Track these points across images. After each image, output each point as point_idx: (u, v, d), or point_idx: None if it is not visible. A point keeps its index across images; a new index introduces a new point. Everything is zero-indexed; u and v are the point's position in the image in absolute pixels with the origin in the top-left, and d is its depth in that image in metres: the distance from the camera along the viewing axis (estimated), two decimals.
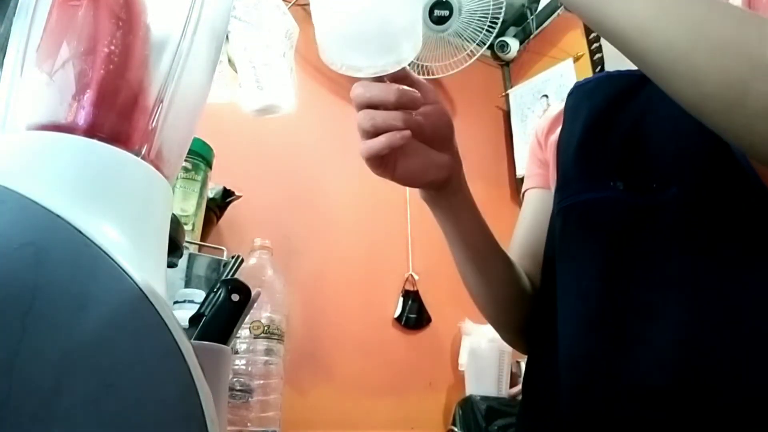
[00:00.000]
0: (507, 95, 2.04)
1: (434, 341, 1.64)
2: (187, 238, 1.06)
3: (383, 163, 0.55)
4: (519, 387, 1.55)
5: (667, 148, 0.57)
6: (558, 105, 0.73)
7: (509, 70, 2.15)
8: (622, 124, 0.61)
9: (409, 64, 0.53)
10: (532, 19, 2.02)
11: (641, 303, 0.52)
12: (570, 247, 0.59)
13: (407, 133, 0.51)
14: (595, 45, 1.76)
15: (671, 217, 0.53)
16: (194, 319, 0.52)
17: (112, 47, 0.31)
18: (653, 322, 0.51)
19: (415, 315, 1.62)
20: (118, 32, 0.32)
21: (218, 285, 0.53)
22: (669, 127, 0.57)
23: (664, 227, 0.54)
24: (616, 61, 0.63)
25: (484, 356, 1.54)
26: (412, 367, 1.57)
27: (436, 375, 1.61)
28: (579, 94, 0.70)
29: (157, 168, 0.33)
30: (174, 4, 0.35)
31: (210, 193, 1.22)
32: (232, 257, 0.60)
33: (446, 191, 0.61)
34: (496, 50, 2.05)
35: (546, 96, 1.89)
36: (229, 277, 0.57)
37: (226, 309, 0.52)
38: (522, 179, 2.20)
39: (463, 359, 1.56)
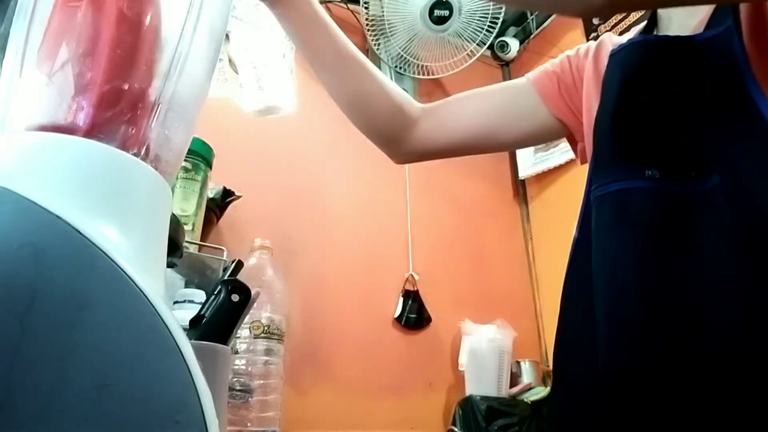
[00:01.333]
0: None
1: (434, 341, 1.64)
2: (187, 238, 1.06)
3: None
4: (519, 387, 1.56)
5: (705, 129, 0.52)
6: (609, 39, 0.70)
7: (509, 70, 2.15)
8: (657, 97, 0.56)
9: (409, 64, 0.53)
10: (532, 19, 2.02)
11: (682, 310, 0.48)
12: (605, 241, 0.55)
13: None
14: None
15: (713, 210, 0.49)
16: (195, 321, 0.52)
17: (112, 48, 0.31)
18: (697, 332, 0.47)
19: (415, 315, 1.62)
20: (117, 33, 0.32)
21: (219, 286, 0.53)
22: (705, 105, 0.52)
23: (705, 221, 0.49)
24: None
25: (484, 356, 1.54)
26: (412, 367, 1.57)
27: (436, 375, 1.61)
28: (612, 63, 0.63)
29: (157, 168, 0.33)
30: (174, 4, 0.35)
31: (210, 193, 1.22)
32: (232, 261, 0.60)
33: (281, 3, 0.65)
34: (496, 50, 2.05)
35: None
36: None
37: (226, 309, 0.52)
38: (524, 180, 2.19)
39: (463, 359, 1.56)
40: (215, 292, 0.53)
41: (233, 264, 0.59)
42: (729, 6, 0.55)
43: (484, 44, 1.78)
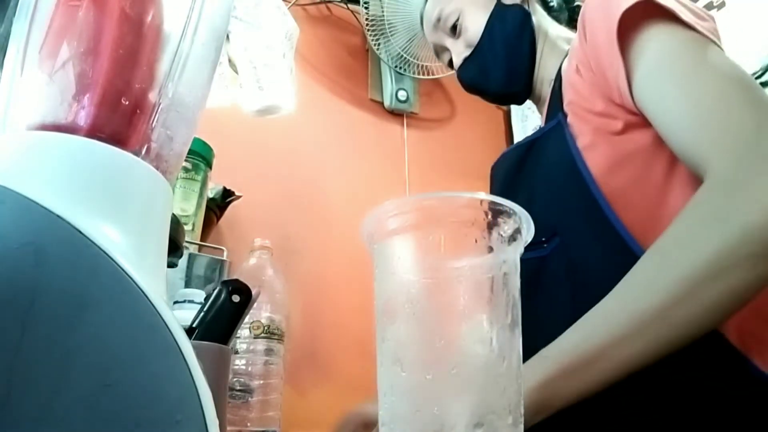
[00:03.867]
0: None
1: None
2: (187, 238, 1.06)
3: None
4: None
5: (552, 206, 0.67)
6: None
7: None
8: (521, 191, 0.72)
9: (409, 64, 0.54)
10: None
11: (534, 348, 0.51)
12: None
13: None
14: None
15: (556, 265, 0.61)
16: (190, 332, 0.52)
17: (113, 47, 0.31)
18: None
19: None
20: (119, 32, 0.32)
21: (219, 287, 0.53)
22: (549, 183, 0.68)
23: (549, 276, 0.63)
24: None
25: None
26: None
27: None
28: (493, 170, 0.89)
29: (158, 168, 0.33)
30: (174, 4, 0.35)
31: (210, 193, 1.22)
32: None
33: None
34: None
35: None
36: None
37: (227, 309, 0.52)
38: None
39: None
40: (215, 293, 0.53)
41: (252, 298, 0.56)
42: (559, 102, 0.71)
43: None
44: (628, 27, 0.59)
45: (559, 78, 0.75)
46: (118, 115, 0.31)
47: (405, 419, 0.32)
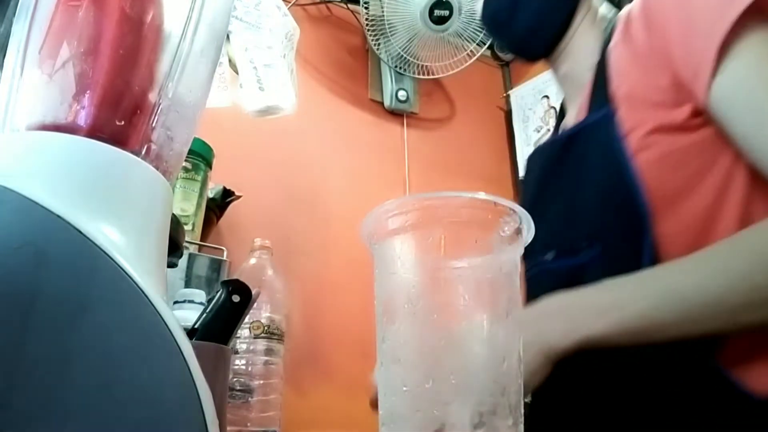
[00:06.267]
0: (508, 96, 2.04)
1: None
2: (187, 238, 1.06)
3: None
4: None
5: (591, 210, 0.62)
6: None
7: (509, 71, 2.15)
8: (559, 193, 0.67)
9: (409, 64, 0.53)
10: None
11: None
12: None
13: None
14: None
15: (595, 273, 0.56)
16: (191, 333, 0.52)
17: (114, 47, 0.31)
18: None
19: None
20: (119, 32, 0.32)
21: (219, 287, 0.53)
22: (592, 185, 0.63)
23: (589, 283, 0.57)
24: None
25: None
26: None
27: None
28: (528, 162, 0.79)
29: (158, 168, 0.33)
30: (174, 4, 0.35)
31: (210, 193, 1.22)
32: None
33: None
34: (496, 50, 2.04)
35: (547, 97, 1.88)
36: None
37: (227, 309, 0.52)
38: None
39: None
40: (216, 294, 0.53)
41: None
42: (606, 92, 0.65)
43: (484, 44, 1.78)
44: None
45: (602, 65, 0.68)
46: (119, 116, 0.31)
47: (405, 419, 0.32)
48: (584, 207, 0.63)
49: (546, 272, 0.65)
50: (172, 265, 0.51)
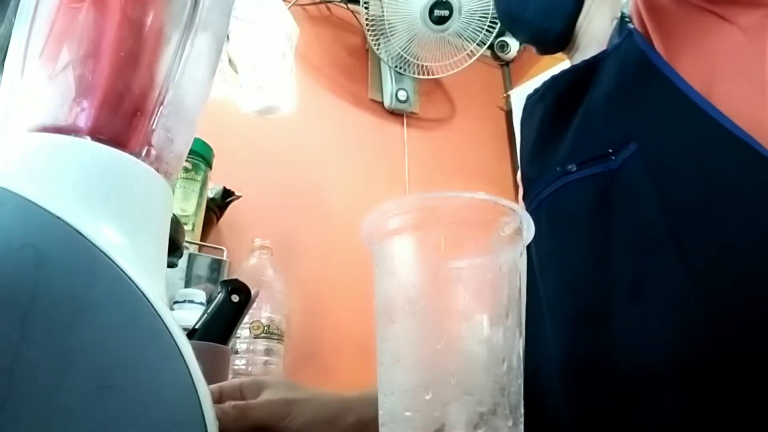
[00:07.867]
0: (508, 96, 2.04)
1: None
2: (187, 238, 1.06)
3: None
4: None
5: (617, 116, 0.54)
6: None
7: (509, 70, 2.15)
8: (575, 115, 0.60)
9: (409, 64, 0.53)
10: None
11: (626, 285, 0.48)
12: (546, 248, 0.57)
13: None
14: None
15: (635, 176, 0.49)
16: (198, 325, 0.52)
17: (114, 50, 0.31)
18: (640, 304, 0.47)
19: None
20: (119, 35, 0.32)
21: (219, 288, 0.53)
22: (618, 85, 0.55)
23: (629, 188, 0.50)
24: None
25: None
26: None
27: None
28: (530, 103, 0.71)
29: (158, 169, 0.33)
30: (176, 5, 0.35)
31: (210, 193, 1.22)
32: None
33: None
34: (496, 50, 2.04)
35: None
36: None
37: (226, 309, 0.52)
38: None
39: None
40: (216, 295, 0.53)
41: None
42: (629, 18, 0.58)
43: (484, 44, 1.78)
44: None
45: (623, 22, 0.61)
46: (119, 118, 0.31)
47: (405, 419, 0.32)
48: (608, 109, 0.56)
49: (569, 185, 0.56)
50: (172, 265, 0.51)
